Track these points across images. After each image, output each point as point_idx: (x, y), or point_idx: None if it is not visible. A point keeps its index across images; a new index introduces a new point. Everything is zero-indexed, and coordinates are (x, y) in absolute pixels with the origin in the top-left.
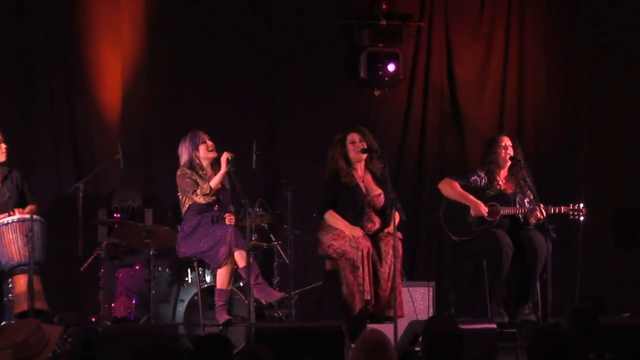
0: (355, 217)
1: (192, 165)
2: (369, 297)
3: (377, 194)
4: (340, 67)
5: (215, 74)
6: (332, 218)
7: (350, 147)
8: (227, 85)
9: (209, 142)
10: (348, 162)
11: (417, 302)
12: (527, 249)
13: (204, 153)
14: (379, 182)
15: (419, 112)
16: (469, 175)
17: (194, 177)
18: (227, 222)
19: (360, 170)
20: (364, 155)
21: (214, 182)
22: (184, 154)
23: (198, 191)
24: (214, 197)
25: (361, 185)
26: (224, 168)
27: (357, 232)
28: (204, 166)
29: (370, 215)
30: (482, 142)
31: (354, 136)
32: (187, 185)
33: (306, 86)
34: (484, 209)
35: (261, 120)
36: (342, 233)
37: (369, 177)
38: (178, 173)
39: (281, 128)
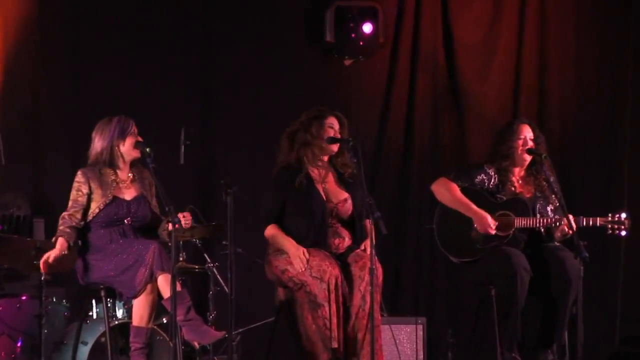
0: (314, 231)
1: (109, 158)
2: (336, 345)
3: (342, 199)
4: (298, 29)
5: (131, 41)
6: (273, 235)
7: (329, 131)
8: (147, 54)
9: (139, 139)
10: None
11: (402, 345)
12: (552, 274)
13: (128, 149)
14: (346, 183)
15: (404, 88)
16: (473, 174)
17: (86, 189)
18: (184, 225)
19: (319, 168)
20: (333, 148)
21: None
22: (100, 141)
23: (71, 211)
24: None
25: (319, 187)
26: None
27: (301, 259)
28: (120, 165)
29: (336, 228)
30: (489, 128)
31: (333, 121)
32: (71, 197)
33: (252, 55)
34: (491, 224)
35: (192, 101)
36: None
37: (331, 177)
38: (78, 172)
39: (219, 111)
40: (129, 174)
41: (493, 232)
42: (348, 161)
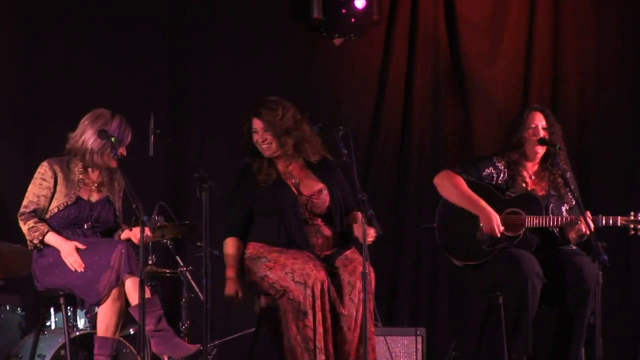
0: (286, 230)
1: (94, 160)
2: (323, 358)
3: (317, 190)
4: (282, 3)
5: (91, 16)
6: (225, 255)
7: (254, 136)
8: (110, 32)
9: (125, 150)
10: (259, 155)
11: (399, 359)
12: (568, 282)
13: (108, 158)
14: (320, 172)
15: (401, 71)
16: (481, 166)
17: (51, 184)
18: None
19: (282, 162)
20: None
21: (52, 239)
22: (93, 137)
23: (31, 222)
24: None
25: (288, 182)
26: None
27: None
28: (104, 164)
29: (318, 226)
30: (497, 115)
31: (255, 124)
32: (30, 191)
33: (229, 33)
34: (498, 226)
35: (162, 84)
36: (280, 259)
37: (301, 168)
38: (43, 163)
39: (192, 96)
40: (99, 177)
41: (497, 235)
42: (317, 147)
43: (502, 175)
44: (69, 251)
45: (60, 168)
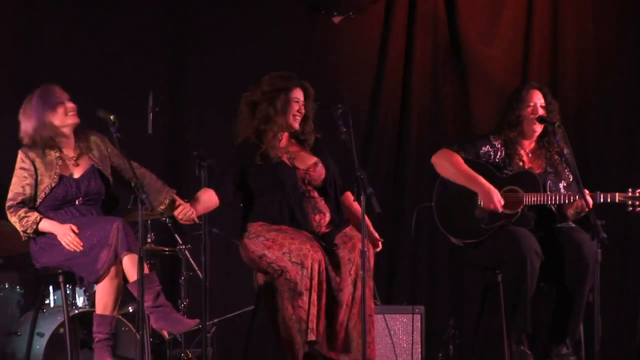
0: (288, 204)
1: (47, 138)
2: (313, 338)
3: (312, 163)
4: None
5: None
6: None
7: (295, 106)
8: (110, 13)
9: (69, 104)
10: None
11: (398, 336)
12: (567, 260)
13: (61, 119)
14: (312, 148)
15: (400, 49)
16: (478, 144)
17: (32, 171)
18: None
19: (286, 138)
20: (295, 124)
21: (46, 225)
22: (27, 121)
23: (21, 212)
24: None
25: (283, 157)
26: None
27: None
28: (62, 133)
29: (315, 201)
30: (497, 93)
31: (297, 93)
32: (13, 183)
33: (227, 11)
34: (498, 201)
35: (160, 63)
36: (278, 238)
37: (294, 144)
38: (19, 153)
39: (190, 74)
40: (76, 149)
41: (499, 210)
42: (309, 130)
43: (499, 154)
44: (64, 232)
45: (36, 154)
